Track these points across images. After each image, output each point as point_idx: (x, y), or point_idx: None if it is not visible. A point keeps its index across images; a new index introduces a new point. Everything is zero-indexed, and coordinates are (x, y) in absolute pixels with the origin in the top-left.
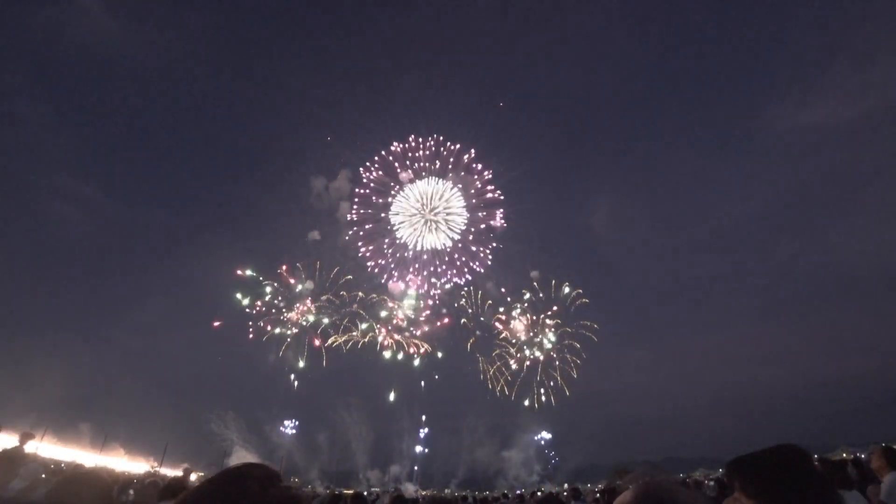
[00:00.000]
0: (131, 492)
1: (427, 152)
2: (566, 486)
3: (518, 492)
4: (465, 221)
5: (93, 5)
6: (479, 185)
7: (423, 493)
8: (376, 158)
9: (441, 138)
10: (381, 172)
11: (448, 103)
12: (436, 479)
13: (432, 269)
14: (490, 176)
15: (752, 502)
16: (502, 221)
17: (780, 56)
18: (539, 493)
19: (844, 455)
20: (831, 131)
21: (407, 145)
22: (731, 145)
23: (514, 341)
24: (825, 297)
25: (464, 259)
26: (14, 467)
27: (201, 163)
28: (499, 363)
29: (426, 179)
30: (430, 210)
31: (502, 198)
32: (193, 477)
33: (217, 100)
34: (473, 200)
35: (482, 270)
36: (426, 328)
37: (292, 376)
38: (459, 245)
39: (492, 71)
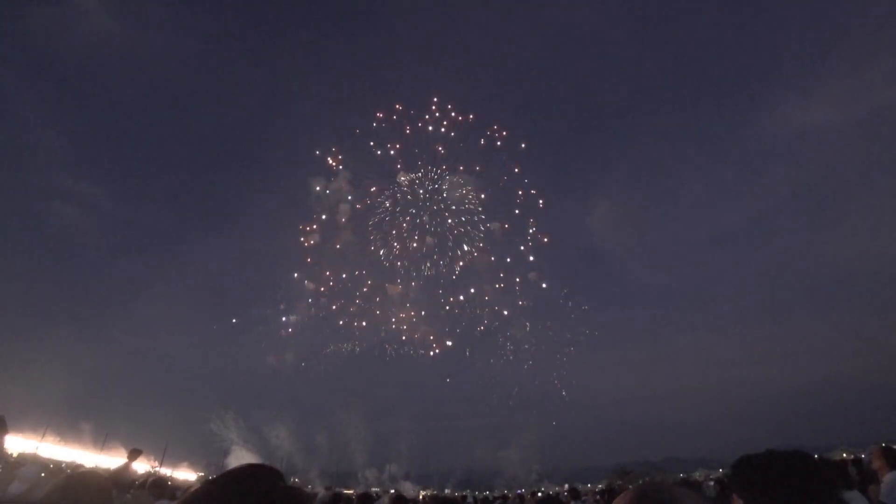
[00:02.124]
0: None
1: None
2: (566, 486)
3: (518, 492)
4: (481, 235)
5: (93, 6)
6: (505, 179)
7: (424, 493)
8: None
9: (449, 107)
10: (349, 172)
11: (447, 104)
12: (433, 479)
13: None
14: (518, 171)
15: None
16: (537, 234)
17: (780, 57)
18: (539, 494)
19: (844, 455)
20: (830, 132)
21: (396, 116)
22: (730, 146)
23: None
24: (825, 298)
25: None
26: (126, 487)
27: (201, 163)
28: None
29: (422, 171)
30: (427, 211)
31: (541, 203)
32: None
33: (216, 100)
34: (489, 225)
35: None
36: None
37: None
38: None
39: (491, 70)
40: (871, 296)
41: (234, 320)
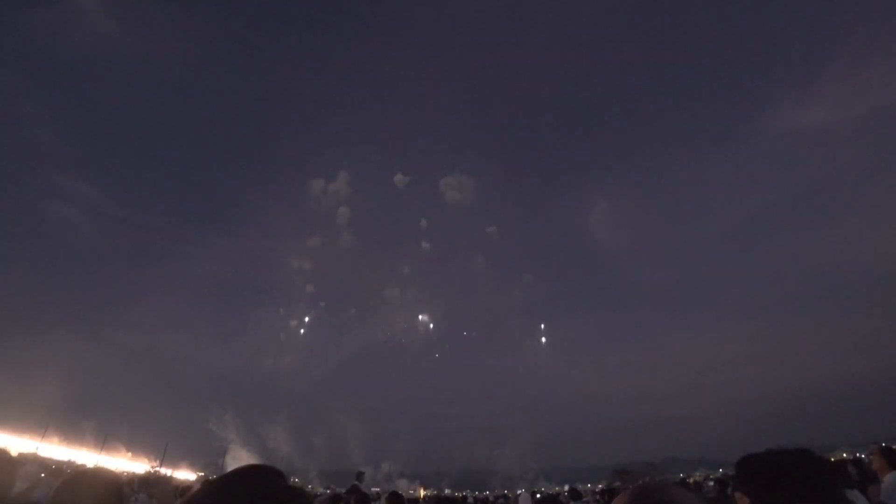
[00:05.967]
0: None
1: None
2: (566, 487)
3: (519, 492)
4: None
5: (92, 7)
6: None
7: (425, 492)
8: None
9: None
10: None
11: (446, 105)
12: (429, 478)
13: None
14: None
15: (748, 500)
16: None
17: (778, 58)
18: (539, 494)
19: (844, 455)
20: (828, 133)
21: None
22: (729, 146)
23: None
24: (825, 298)
25: None
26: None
27: (201, 163)
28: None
29: None
30: None
31: None
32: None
33: (216, 101)
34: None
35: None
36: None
37: None
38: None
39: (490, 70)
40: (871, 296)
41: (233, 323)
